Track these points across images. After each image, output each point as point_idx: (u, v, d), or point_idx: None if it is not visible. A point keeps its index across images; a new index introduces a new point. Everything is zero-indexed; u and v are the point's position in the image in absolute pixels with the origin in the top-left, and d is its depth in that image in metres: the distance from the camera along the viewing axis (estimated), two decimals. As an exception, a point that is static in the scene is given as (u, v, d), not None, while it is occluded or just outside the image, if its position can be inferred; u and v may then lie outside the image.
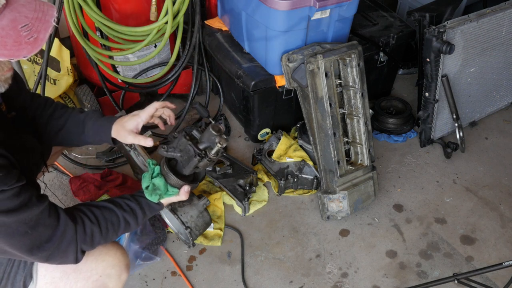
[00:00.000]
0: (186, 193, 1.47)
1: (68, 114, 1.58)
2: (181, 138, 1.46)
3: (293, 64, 2.14)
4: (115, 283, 1.46)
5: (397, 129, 2.68)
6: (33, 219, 1.19)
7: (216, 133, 1.40)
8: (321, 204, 2.22)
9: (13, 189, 1.14)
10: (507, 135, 2.77)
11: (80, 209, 1.33)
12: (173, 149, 1.46)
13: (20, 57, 1.07)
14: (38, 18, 1.08)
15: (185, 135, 1.46)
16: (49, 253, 1.25)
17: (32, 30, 1.07)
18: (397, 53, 2.71)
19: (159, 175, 1.44)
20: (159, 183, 1.44)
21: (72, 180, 2.30)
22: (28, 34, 1.06)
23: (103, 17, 2.22)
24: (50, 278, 1.39)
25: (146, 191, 1.44)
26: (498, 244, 2.20)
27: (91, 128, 1.55)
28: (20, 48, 1.06)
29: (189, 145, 1.43)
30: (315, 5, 2.03)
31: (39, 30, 1.08)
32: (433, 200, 2.39)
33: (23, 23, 1.06)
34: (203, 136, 1.44)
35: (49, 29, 1.09)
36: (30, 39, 1.07)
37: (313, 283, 2.03)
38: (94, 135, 1.56)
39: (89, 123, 1.55)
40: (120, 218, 1.37)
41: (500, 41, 2.48)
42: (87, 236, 1.30)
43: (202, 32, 2.57)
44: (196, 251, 2.12)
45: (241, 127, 2.72)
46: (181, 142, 1.46)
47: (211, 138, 1.41)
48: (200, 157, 1.42)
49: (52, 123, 1.56)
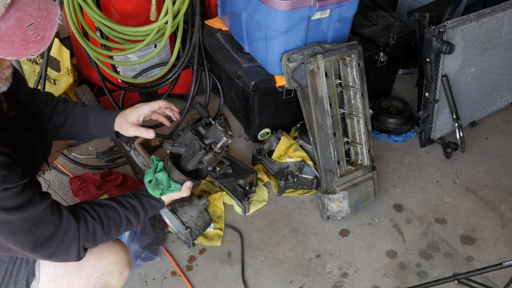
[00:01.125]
0: (188, 189, 1.48)
1: (70, 108, 1.58)
2: (187, 133, 1.48)
3: (293, 64, 2.14)
4: (117, 280, 1.47)
5: (397, 129, 2.68)
6: (36, 217, 1.20)
7: (222, 128, 1.43)
8: (321, 204, 2.22)
9: (17, 187, 1.15)
10: (507, 135, 2.77)
11: (83, 207, 1.33)
12: (178, 144, 1.48)
13: (28, 55, 1.07)
14: (43, 16, 1.09)
15: (191, 129, 1.48)
16: (52, 250, 1.25)
17: (38, 28, 1.07)
18: (397, 53, 2.71)
19: (162, 170, 1.46)
20: (162, 178, 1.44)
21: (72, 180, 2.30)
22: (34, 32, 1.07)
23: (103, 17, 2.22)
24: (53, 276, 1.39)
25: (149, 185, 1.45)
26: (498, 244, 2.20)
27: (94, 121, 1.55)
28: (28, 47, 1.07)
29: (195, 139, 1.45)
30: (315, 5, 2.03)
31: (45, 29, 1.09)
32: (433, 200, 2.39)
33: (29, 22, 1.06)
34: (209, 132, 1.47)
35: (54, 27, 1.10)
36: (37, 37, 1.07)
37: (313, 283, 2.03)
38: (97, 128, 1.56)
39: (92, 116, 1.55)
40: (122, 215, 1.38)
41: (500, 41, 2.48)
42: (89, 233, 1.30)
43: (202, 32, 2.57)
44: (196, 251, 2.12)
45: (241, 127, 2.72)
46: (187, 136, 1.48)
47: (217, 133, 1.44)
48: (205, 151, 1.44)
49: (55, 118, 1.57)
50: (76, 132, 1.59)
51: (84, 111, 1.57)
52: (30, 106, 1.55)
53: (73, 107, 1.59)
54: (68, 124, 1.57)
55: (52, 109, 1.57)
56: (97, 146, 2.57)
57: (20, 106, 1.49)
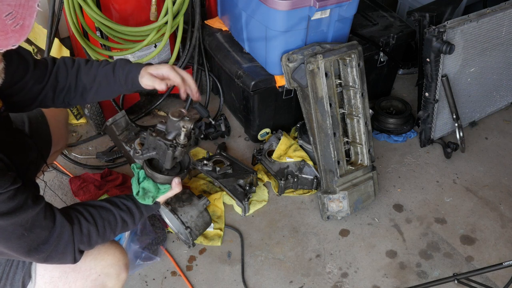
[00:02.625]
0: (179, 184, 1.46)
1: (95, 68, 1.52)
2: (148, 137, 1.44)
3: (293, 64, 2.14)
4: (114, 282, 1.46)
5: (397, 129, 2.68)
6: (29, 221, 1.18)
7: (177, 118, 1.38)
8: (321, 204, 2.22)
9: (8, 191, 1.13)
10: (507, 135, 2.77)
11: (77, 209, 1.32)
12: (147, 150, 1.44)
13: (9, 46, 1.03)
14: (21, 4, 1.04)
15: (151, 132, 1.44)
16: (47, 255, 1.24)
17: (17, 17, 1.03)
18: (397, 53, 2.71)
19: (145, 179, 1.43)
20: (148, 186, 1.42)
21: (72, 180, 2.30)
22: (13, 22, 1.02)
23: (103, 17, 2.22)
24: (49, 278, 1.39)
25: (138, 197, 1.43)
26: (498, 244, 2.20)
27: (121, 77, 1.50)
28: (7, 37, 1.02)
29: (158, 140, 1.41)
30: (315, 5, 2.03)
31: (24, 17, 1.04)
32: (433, 200, 2.39)
33: (7, 11, 1.02)
34: (167, 126, 1.42)
35: (33, 14, 1.05)
36: (16, 26, 1.02)
37: (313, 283, 2.03)
38: (126, 84, 1.51)
39: (118, 71, 1.50)
40: (117, 217, 1.37)
41: (500, 41, 2.48)
42: (84, 236, 1.29)
43: (202, 32, 2.57)
44: (196, 251, 2.12)
45: (241, 127, 2.72)
46: (149, 140, 1.44)
47: (175, 125, 1.39)
48: (173, 147, 1.39)
49: (81, 82, 1.51)
50: (105, 92, 1.54)
51: (110, 68, 1.51)
52: (46, 77, 1.48)
53: (98, 66, 1.51)
54: (96, 86, 1.51)
55: (76, 75, 1.51)
56: (97, 146, 2.58)
57: (35, 81, 1.45)
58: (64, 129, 1.90)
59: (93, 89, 1.52)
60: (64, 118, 1.91)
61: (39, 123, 1.71)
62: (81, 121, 2.67)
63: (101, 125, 2.54)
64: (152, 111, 2.77)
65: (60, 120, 1.85)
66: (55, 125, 1.78)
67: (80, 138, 2.61)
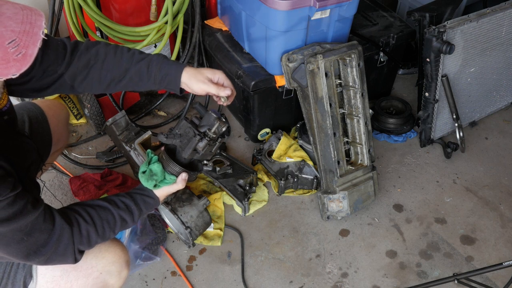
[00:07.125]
0: (184, 181, 1.45)
1: (126, 60, 1.45)
2: (182, 121, 1.47)
3: (293, 64, 2.14)
4: (115, 279, 1.47)
5: (397, 129, 2.68)
6: (28, 226, 1.18)
7: (216, 115, 1.44)
8: (321, 204, 2.22)
9: (8, 198, 1.12)
10: (507, 135, 2.77)
11: (75, 210, 1.32)
12: (172, 135, 1.47)
13: (9, 76, 0.99)
14: (26, 31, 1.00)
15: (186, 119, 1.48)
16: (47, 257, 1.24)
17: (20, 45, 0.99)
18: (397, 53, 2.71)
19: (157, 162, 1.44)
20: (156, 169, 1.43)
21: (72, 180, 2.30)
22: (16, 50, 0.98)
23: (103, 17, 2.22)
24: (51, 277, 1.39)
25: (142, 175, 1.43)
26: (498, 244, 2.20)
27: (156, 76, 1.45)
28: (8, 66, 0.98)
29: (189, 128, 1.45)
30: (315, 5, 2.03)
31: (27, 45, 1.00)
32: (433, 200, 2.39)
33: (10, 38, 0.98)
34: (203, 120, 1.47)
35: (37, 43, 1.01)
36: (19, 55, 0.99)
37: (313, 283, 2.03)
38: (159, 84, 1.47)
39: (154, 70, 1.45)
40: (115, 216, 1.36)
41: (500, 41, 2.48)
42: (83, 237, 1.29)
43: (202, 32, 2.57)
44: (196, 251, 2.12)
45: (241, 127, 2.72)
46: (181, 125, 1.47)
47: (211, 120, 1.44)
48: (200, 137, 1.43)
49: (111, 73, 1.45)
50: (133, 87, 1.50)
51: (144, 65, 1.45)
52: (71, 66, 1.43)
53: (130, 59, 1.45)
54: (126, 80, 1.46)
55: (101, 67, 1.44)
56: (97, 146, 2.58)
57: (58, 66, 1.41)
58: (64, 128, 1.90)
59: (121, 83, 1.47)
60: (64, 117, 1.91)
61: (39, 123, 1.71)
62: (81, 121, 2.67)
63: (101, 125, 2.54)
64: (152, 111, 2.77)
65: (61, 119, 1.85)
66: (55, 124, 1.78)
67: (80, 138, 2.61)
